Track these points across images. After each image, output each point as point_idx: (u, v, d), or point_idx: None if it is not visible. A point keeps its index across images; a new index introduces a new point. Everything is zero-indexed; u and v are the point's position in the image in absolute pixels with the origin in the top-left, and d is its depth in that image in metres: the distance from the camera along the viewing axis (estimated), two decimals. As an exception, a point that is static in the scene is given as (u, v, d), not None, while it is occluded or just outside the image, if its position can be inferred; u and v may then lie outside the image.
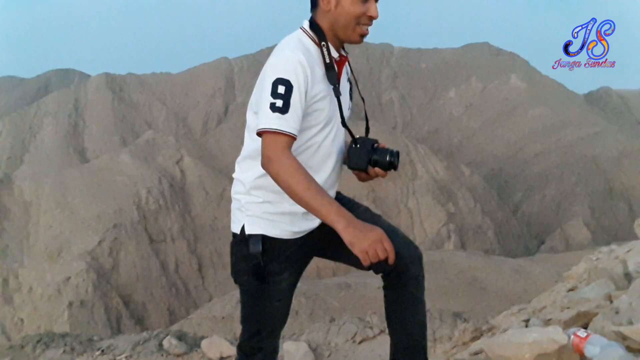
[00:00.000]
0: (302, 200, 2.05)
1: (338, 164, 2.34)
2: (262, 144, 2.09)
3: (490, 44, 54.48)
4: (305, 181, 2.05)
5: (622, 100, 48.23)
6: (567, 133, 40.65)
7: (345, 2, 2.16)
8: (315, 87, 2.13)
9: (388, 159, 2.28)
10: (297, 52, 2.12)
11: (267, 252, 2.23)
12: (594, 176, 36.33)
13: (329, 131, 2.24)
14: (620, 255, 4.37)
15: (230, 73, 48.99)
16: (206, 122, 45.36)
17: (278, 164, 2.05)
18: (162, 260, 29.32)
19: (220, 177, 33.14)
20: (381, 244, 1.99)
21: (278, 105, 2.06)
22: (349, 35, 2.21)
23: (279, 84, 2.07)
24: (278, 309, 2.38)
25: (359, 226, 2.00)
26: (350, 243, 1.98)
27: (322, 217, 2.03)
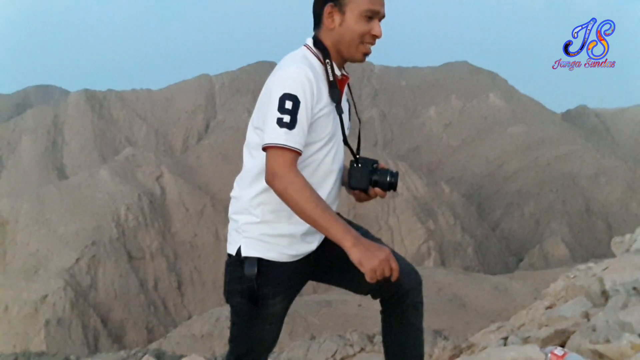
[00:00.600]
0: (310, 218, 2.05)
1: (337, 183, 2.32)
2: (268, 159, 2.07)
3: (470, 63, 55.05)
4: (313, 198, 2.04)
5: (598, 118, 48.88)
6: (545, 151, 41.07)
7: (350, 20, 2.17)
8: (319, 103, 2.13)
9: (388, 179, 2.27)
10: (304, 67, 2.12)
11: (262, 275, 2.20)
12: (572, 194, 36.70)
13: (329, 149, 2.22)
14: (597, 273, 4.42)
15: (211, 90, 49.00)
16: (186, 139, 45.24)
17: (285, 180, 2.04)
18: (140, 278, 29.04)
19: (200, 193, 33.01)
20: (388, 263, 2.01)
21: (285, 121, 2.05)
22: (352, 53, 2.22)
23: (286, 99, 2.07)
24: (269, 332, 2.35)
25: (367, 244, 2.01)
26: (360, 261, 1.98)
27: (330, 234, 2.03)
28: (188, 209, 32.42)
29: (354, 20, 2.16)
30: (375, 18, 2.19)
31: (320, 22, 2.23)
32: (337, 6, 2.18)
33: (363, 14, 2.16)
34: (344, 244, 2.00)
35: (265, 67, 51.27)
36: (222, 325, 16.99)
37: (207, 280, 30.18)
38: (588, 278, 4.50)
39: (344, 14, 2.17)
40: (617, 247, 5.20)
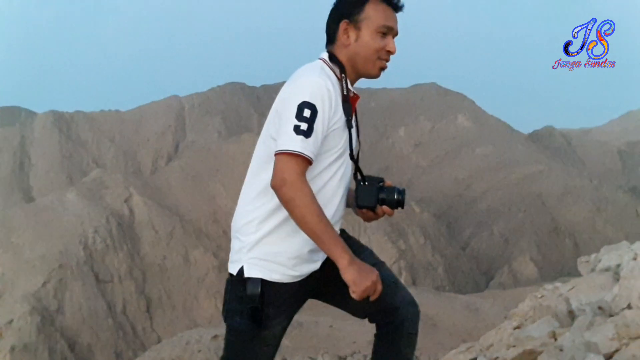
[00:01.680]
0: (312, 230, 2.05)
1: (343, 202, 2.31)
2: (278, 165, 2.05)
3: (438, 85, 55.71)
4: (319, 212, 2.05)
5: (564, 138, 49.70)
6: (513, 171, 41.59)
7: (366, 36, 2.19)
8: (335, 116, 2.13)
9: (396, 197, 2.27)
10: (324, 78, 2.13)
11: (264, 296, 2.17)
12: (539, 213, 37.15)
13: (339, 166, 2.23)
14: (564, 292, 4.48)
15: (181, 111, 48.82)
16: (156, 160, 44.93)
17: (294, 189, 2.03)
18: (108, 301, 28.59)
19: (169, 215, 32.71)
20: (376, 285, 2.06)
21: (303, 129, 2.04)
22: (369, 69, 2.25)
23: (305, 107, 2.06)
24: (265, 354, 2.32)
25: (361, 265, 2.05)
26: (354, 281, 2.02)
27: (329, 251, 2.05)
28: (157, 231, 32.10)
29: (370, 36, 2.20)
30: (389, 34, 2.22)
31: (335, 39, 2.25)
32: (353, 22, 2.21)
33: (378, 30, 2.20)
34: (341, 262, 2.03)
35: (235, 88, 51.32)
36: (192, 349, 16.77)
37: (177, 303, 29.84)
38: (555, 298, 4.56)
39: (360, 30, 2.20)
40: (583, 266, 5.28)
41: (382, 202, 2.27)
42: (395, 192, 2.28)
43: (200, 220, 32.76)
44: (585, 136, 50.35)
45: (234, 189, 33.10)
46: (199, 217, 32.90)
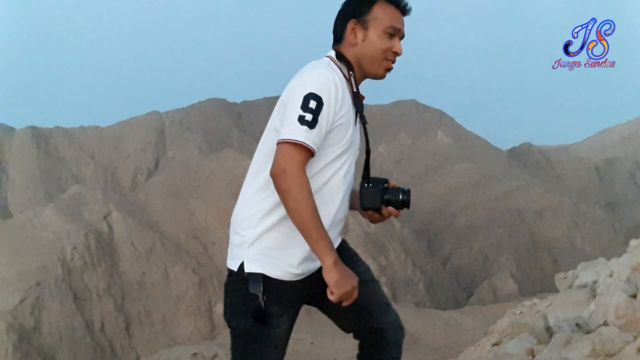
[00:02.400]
0: (303, 224, 2.03)
1: (346, 201, 2.30)
2: (280, 154, 2.05)
3: (417, 101, 56.09)
4: (313, 207, 2.04)
5: (542, 155, 50.16)
6: (492, 187, 41.87)
7: (373, 36, 2.21)
8: (342, 110, 2.14)
9: (401, 197, 2.27)
10: (332, 72, 2.14)
11: (267, 293, 2.14)
12: (518, 229, 37.40)
13: (343, 162, 2.23)
14: (542, 309, 4.53)
15: (162, 127, 48.64)
16: (135, 176, 44.65)
17: (293, 179, 2.02)
18: (87, 319, 28.25)
19: (149, 232, 32.48)
20: (353, 292, 2.06)
21: (307, 119, 2.04)
22: (375, 69, 2.27)
23: (311, 98, 2.06)
24: (274, 355, 2.26)
25: (344, 269, 2.06)
26: (335, 282, 2.02)
27: (315, 247, 2.04)
28: (136, 247, 31.85)
29: (377, 36, 2.22)
30: (396, 36, 2.24)
31: (342, 38, 2.27)
32: (361, 22, 2.23)
33: (386, 31, 2.22)
34: (325, 261, 2.03)
35: (216, 104, 51.29)
36: (172, 366, 16.63)
37: (156, 321, 29.56)
38: (533, 314, 4.60)
39: (367, 30, 2.22)
40: (561, 283, 5.33)
41: (387, 203, 2.27)
42: (400, 192, 2.29)
43: (180, 237, 32.57)
44: (563, 153, 50.86)
45: (215, 205, 32.99)
46: (178, 233, 32.71)
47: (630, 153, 47.55)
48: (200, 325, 29.15)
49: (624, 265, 3.79)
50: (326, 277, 2.04)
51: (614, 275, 3.88)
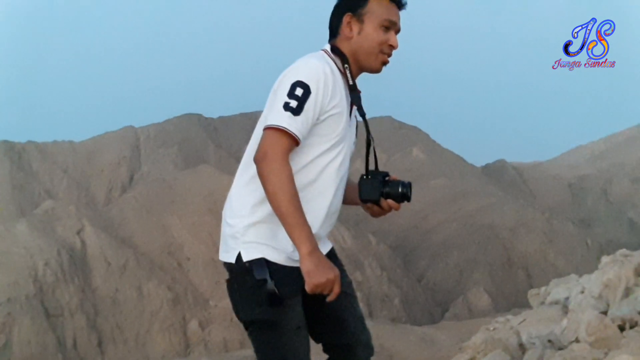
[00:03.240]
0: (280, 210, 2.00)
1: (340, 193, 2.29)
2: (264, 139, 2.04)
3: (393, 118, 56.49)
4: (292, 194, 2.01)
5: (516, 171, 50.70)
6: (466, 203, 42.18)
7: (368, 29, 2.20)
8: (334, 100, 2.13)
9: (400, 190, 2.25)
10: (323, 62, 2.13)
11: (273, 276, 2.09)
12: (493, 244, 37.68)
13: (337, 153, 2.21)
14: (515, 326, 4.56)
15: (136, 142, 48.33)
16: (110, 191, 44.24)
17: (273, 164, 2.00)
18: (59, 336, 27.82)
19: (123, 247, 32.15)
20: (332, 284, 2.00)
21: (292, 106, 2.04)
22: (371, 62, 2.25)
23: (298, 86, 2.06)
24: (301, 339, 2.20)
25: (321, 259, 2.00)
26: (308, 271, 1.98)
27: (292, 234, 2.01)
28: (110, 263, 31.51)
29: (373, 29, 2.21)
30: (392, 29, 2.23)
31: (338, 32, 2.26)
32: (356, 16, 2.22)
33: (381, 24, 2.20)
34: (302, 249, 1.99)
35: (192, 119, 51.13)
36: (145, 384, 16.41)
37: (129, 338, 29.20)
38: (506, 331, 4.63)
39: (363, 23, 2.21)
40: (534, 299, 5.38)
41: (387, 196, 2.26)
42: (399, 185, 2.26)
43: (155, 253, 32.29)
44: (537, 169, 51.46)
45: (189, 220, 32.78)
46: (153, 249, 32.43)
47: (602, 170, 48.25)
48: (174, 342, 28.86)
49: (595, 282, 3.84)
50: (301, 267, 2.00)
51: (585, 292, 3.93)
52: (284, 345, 2.16)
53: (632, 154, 48.76)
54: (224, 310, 29.60)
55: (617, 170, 47.69)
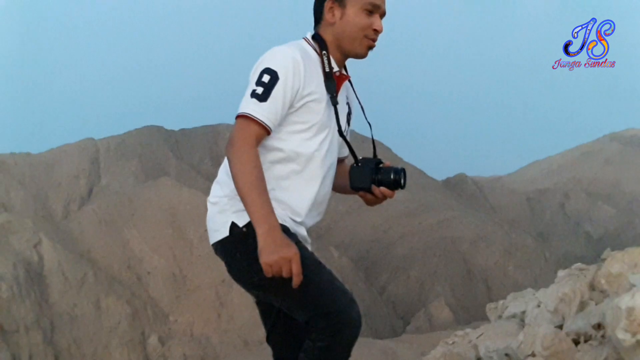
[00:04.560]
0: (241, 192, 1.99)
1: (328, 181, 2.28)
2: (233, 128, 2.05)
3: (356, 132, 56.61)
4: (254, 176, 1.99)
5: (476, 186, 51.38)
6: (428, 216, 42.55)
7: (351, 14, 2.17)
8: (309, 87, 2.11)
9: (393, 177, 2.21)
10: (293, 49, 2.11)
11: None
12: (453, 258, 38.05)
13: (322, 141, 2.19)
14: (473, 339, 4.60)
15: (96, 154, 47.64)
16: (68, 204, 43.45)
17: (236, 149, 2.00)
18: (13, 353, 27.19)
19: (81, 261, 31.61)
20: (289, 264, 1.94)
21: (257, 92, 2.04)
22: (355, 47, 2.21)
23: (265, 73, 2.05)
24: (327, 271, 2.15)
25: (276, 238, 1.95)
26: (261, 249, 1.94)
27: (251, 215, 1.98)
28: (67, 278, 30.93)
29: (355, 13, 2.18)
30: (376, 13, 2.19)
31: (321, 19, 2.24)
32: (338, 1, 2.20)
33: (364, 8, 2.17)
34: (257, 228, 1.96)
35: (153, 132, 50.65)
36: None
37: (87, 354, 28.66)
38: (465, 344, 4.67)
39: (345, 7, 2.19)
40: (492, 312, 5.44)
41: (379, 183, 2.22)
42: (391, 172, 2.22)
43: (114, 267, 31.83)
44: (496, 183, 52.24)
45: (150, 234, 32.41)
46: (112, 263, 31.96)
47: (559, 184, 49.22)
48: (133, 358, 28.44)
49: (550, 296, 3.90)
50: (258, 247, 1.96)
51: (541, 306, 3.99)
52: (314, 275, 2.10)
53: (588, 168, 49.86)
54: (184, 325, 29.29)
55: (573, 184, 48.72)
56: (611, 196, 46.03)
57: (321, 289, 2.11)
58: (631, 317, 2.69)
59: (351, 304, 2.11)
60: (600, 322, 3.35)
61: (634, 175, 46.91)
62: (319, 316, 2.06)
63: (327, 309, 2.06)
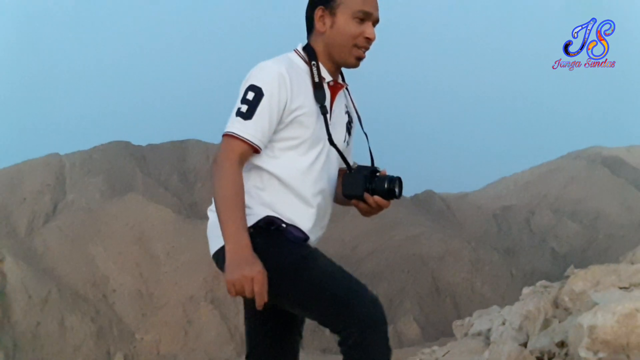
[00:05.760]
0: (217, 206, 1.95)
1: (328, 194, 2.21)
2: (219, 146, 2.01)
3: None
4: (230, 190, 1.95)
5: (444, 202, 51.76)
6: (396, 233, 42.73)
7: (341, 22, 2.10)
8: (297, 100, 2.05)
9: (387, 185, 2.09)
10: (279, 64, 2.06)
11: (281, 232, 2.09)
12: (422, 274, 38.23)
13: (317, 155, 2.12)
14: (440, 357, 4.61)
15: (61, 169, 46.97)
16: (32, 221, 42.68)
17: (218, 166, 1.97)
18: (-26, 373, 26.54)
19: (45, 279, 31.07)
20: (251, 283, 1.87)
21: (242, 110, 1.99)
22: (345, 57, 2.14)
23: (250, 90, 2.00)
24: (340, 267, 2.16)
25: (242, 255, 1.89)
26: (226, 266, 1.89)
27: (222, 229, 1.93)
28: (31, 295, 30.35)
29: (345, 22, 2.10)
30: (367, 20, 2.12)
31: (312, 28, 2.17)
32: (328, 9, 2.12)
33: (355, 16, 2.10)
34: (226, 245, 1.91)
35: (120, 147, 50.15)
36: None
37: (50, 374, 28.11)
38: (431, 363, 4.68)
39: (335, 16, 2.11)
40: (458, 330, 5.45)
41: (373, 192, 2.11)
42: (386, 180, 2.10)
43: (79, 284, 31.32)
44: (463, 200, 52.69)
45: (116, 250, 32.00)
46: (77, 280, 31.45)
47: (525, 201, 49.87)
48: (97, 378, 27.94)
49: (515, 313, 3.93)
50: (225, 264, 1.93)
51: (506, 324, 4.02)
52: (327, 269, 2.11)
53: (553, 185, 50.64)
54: (150, 343, 28.89)
55: (539, 201, 49.41)
56: (576, 213, 46.76)
57: (339, 285, 2.11)
58: (593, 336, 2.72)
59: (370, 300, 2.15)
60: (564, 340, 3.38)
61: (597, 193, 47.74)
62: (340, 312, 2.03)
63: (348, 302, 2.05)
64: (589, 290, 3.47)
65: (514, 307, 4.26)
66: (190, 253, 31.32)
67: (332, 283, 2.07)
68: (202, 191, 40.40)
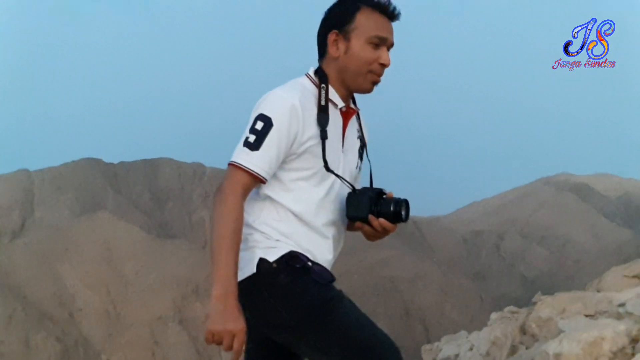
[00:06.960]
0: (214, 243, 1.94)
1: (340, 225, 2.19)
2: (225, 175, 1.98)
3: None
4: (228, 228, 1.92)
5: (415, 225, 52.00)
6: (367, 255, 42.72)
7: (355, 47, 2.05)
8: (309, 131, 2.01)
9: (393, 208, 2.05)
10: (291, 92, 2.01)
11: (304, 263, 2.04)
12: (392, 297, 38.24)
13: (330, 185, 2.08)
14: (408, 382, 4.62)
15: (30, 186, 46.31)
16: (-2, 237, 42.00)
17: (220, 197, 1.94)
18: None
19: (10, 297, 30.50)
20: (231, 339, 1.85)
21: (250, 141, 1.95)
22: (359, 83, 2.09)
23: (259, 120, 1.96)
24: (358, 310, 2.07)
25: (228, 308, 1.86)
26: (209, 315, 1.88)
27: (213, 271, 1.91)
28: (-5, 314, 29.79)
29: (360, 47, 2.05)
30: (382, 45, 2.08)
31: (325, 52, 2.11)
32: (342, 33, 2.07)
33: (370, 41, 2.06)
34: (214, 290, 1.89)
35: (91, 164, 49.63)
36: None
37: (13, 395, 27.52)
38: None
39: (349, 41, 2.06)
40: (427, 355, 5.47)
41: (378, 214, 2.07)
42: (392, 203, 2.06)
43: (44, 303, 30.81)
44: (436, 223, 52.97)
45: (83, 268, 31.58)
46: (43, 298, 30.93)
47: (495, 226, 50.29)
48: (61, 399, 27.43)
49: (483, 339, 3.96)
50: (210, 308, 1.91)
51: (474, 349, 4.04)
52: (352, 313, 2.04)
53: (523, 210, 51.17)
54: (116, 364, 28.43)
55: (509, 226, 49.86)
56: (545, 238, 47.25)
57: (363, 331, 2.06)
58: (558, 363, 2.75)
59: (393, 347, 2.09)
60: (530, 366, 3.41)
61: (566, 219, 48.33)
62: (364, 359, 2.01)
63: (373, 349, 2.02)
64: (556, 317, 3.51)
65: (481, 332, 4.30)
66: (159, 273, 31.02)
67: (357, 329, 2.04)
68: (172, 210, 40.15)
